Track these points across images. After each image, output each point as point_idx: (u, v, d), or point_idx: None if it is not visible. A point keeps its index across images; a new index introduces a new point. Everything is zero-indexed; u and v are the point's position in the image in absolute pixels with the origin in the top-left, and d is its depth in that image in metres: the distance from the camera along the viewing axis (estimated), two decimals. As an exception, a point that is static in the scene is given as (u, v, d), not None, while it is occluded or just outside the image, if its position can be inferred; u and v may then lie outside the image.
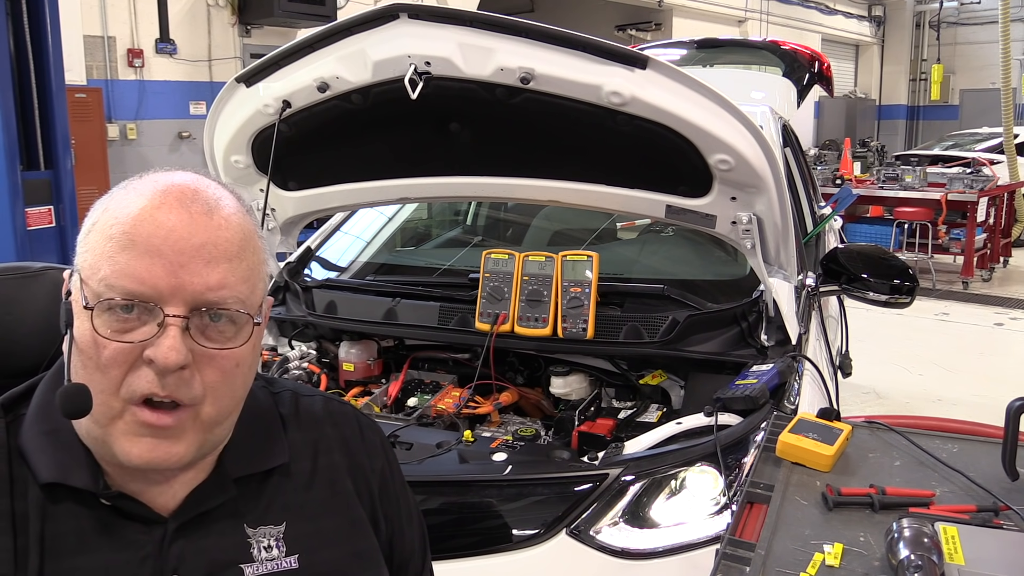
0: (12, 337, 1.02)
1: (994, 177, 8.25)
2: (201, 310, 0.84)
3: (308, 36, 1.92)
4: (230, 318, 0.86)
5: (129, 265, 0.82)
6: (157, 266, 0.82)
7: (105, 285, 0.82)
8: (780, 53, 3.68)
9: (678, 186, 1.97)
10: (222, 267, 0.85)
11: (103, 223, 0.85)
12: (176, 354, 0.81)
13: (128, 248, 0.82)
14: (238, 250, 0.87)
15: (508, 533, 1.67)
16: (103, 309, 0.82)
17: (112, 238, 0.83)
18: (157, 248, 0.82)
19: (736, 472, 1.65)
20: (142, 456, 0.84)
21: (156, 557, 0.87)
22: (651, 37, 12.84)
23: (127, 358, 0.82)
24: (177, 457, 0.85)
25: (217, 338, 0.85)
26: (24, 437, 0.89)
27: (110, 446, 0.84)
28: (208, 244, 0.84)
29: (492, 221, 3.29)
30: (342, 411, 1.08)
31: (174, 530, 0.88)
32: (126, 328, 0.82)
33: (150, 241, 0.82)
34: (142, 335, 0.82)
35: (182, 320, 0.83)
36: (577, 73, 1.74)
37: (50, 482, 0.86)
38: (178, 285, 0.82)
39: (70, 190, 4.26)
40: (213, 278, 0.84)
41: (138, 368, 0.83)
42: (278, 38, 7.78)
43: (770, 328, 2.02)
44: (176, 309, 0.82)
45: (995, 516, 1.10)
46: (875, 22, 18.54)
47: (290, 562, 0.93)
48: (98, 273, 0.83)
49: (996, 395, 2.41)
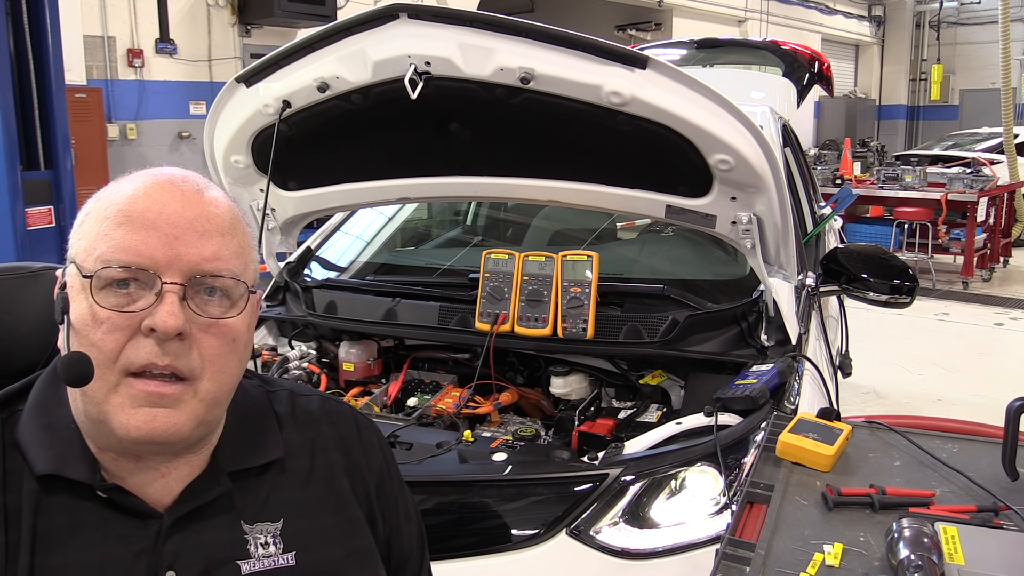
0: (12, 337, 1.02)
1: (994, 177, 8.25)
2: (197, 279, 0.86)
3: (308, 36, 1.92)
4: (225, 292, 0.88)
5: (126, 239, 0.84)
6: (153, 238, 0.85)
7: (102, 260, 0.84)
8: (780, 53, 3.68)
9: (678, 186, 1.97)
10: (215, 240, 0.88)
11: (96, 210, 0.88)
12: (174, 319, 0.83)
13: (124, 224, 0.85)
14: (229, 226, 0.90)
15: (508, 533, 1.67)
16: (101, 285, 0.84)
17: (107, 218, 0.86)
18: (152, 221, 0.85)
19: (736, 472, 1.65)
20: (140, 427, 0.84)
21: (151, 552, 0.87)
22: (651, 37, 12.84)
23: (126, 328, 0.84)
24: (176, 428, 0.85)
25: (214, 310, 0.88)
26: (21, 432, 0.89)
27: (108, 422, 0.85)
28: (201, 217, 0.88)
29: (492, 221, 3.29)
30: (339, 411, 1.08)
31: (169, 525, 0.89)
32: (124, 302, 0.84)
33: (145, 215, 0.85)
34: (140, 305, 0.84)
35: (179, 288, 0.85)
36: (577, 73, 1.74)
37: (47, 474, 0.86)
38: (174, 256, 0.85)
39: (70, 190, 4.27)
40: (208, 249, 0.87)
41: (137, 339, 0.84)
42: (278, 38, 7.78)
43: (770, 328, 2.02)
44: (173, 278, 0.85)
45: (995, 516, 1.10)
46: (875, 22, 18.55)
47: (287, 559, 0.93)
48: (94, 253, 0.85)
49: (996, 395, 2.41)
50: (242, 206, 2.30)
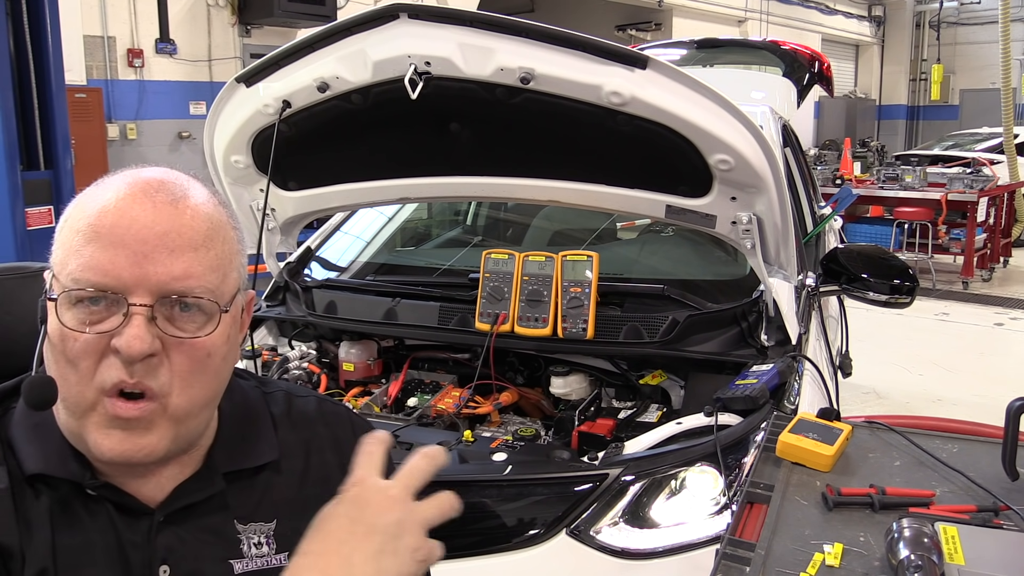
0: (12, 337, 1.02)
1: (994, 177, 8.25)
2: (169, 299, 0.84)
3: (308, 36, 1.92)
4: (199, 307, 0.86)
5: (94, 257, 0.82)
6: (120, 257, 0.82)
7: (72, 279, 0.83)
8: (780, 53, 3.68)
9: (678, 186, 1.97)
10: (187, 256, 0.84)
11: (72, 218, 0.86)
12: (140, 342, 0.82)
13: (93, 240, 0.83)
14: (204, 239, 0.86)
15: (508, 533, 1.67)
16: (71, 303, 0.83)
17: (79, 232, 0.84)
18: (120, 239, 0.83)
19: (736, 472, 1.65)
20: (113, 449, 0.84)
21: (144, 546, 0.87)
22: (651, 37, 12.85)
23: (95, 349, 0.83)
24: (147, 450, 0.85)
25: (186, 327, 0.85)
26: (13, 430, 0.90)
27: (85, 439, 0.85)
28: (171, 232, 0.84)
29: (492, 221, 3.29)
30: (335, 412, 1.08)
31: (160, 521, 0.88)
32: (94, 320, 0.83)
33: (113, 232, 0.83)
34: (109, 325, 0.83)
35: (147, 309, 0.83)
36: (577, 73, 1.74)
37: (36, 473, 0.86)
38: (142, 275, 0.82)
39: (70, 190, 4.27)
40: (177, 267, 0.84)
41: (107, 358, 0.83)
42: (278, 38, 7.78)
43: (770, 328, 2.02)
44: (141, 299, 0.83)
45: (995, 516, 1.10)
46: (875, 22, 18.55)
47: (280, 559, 0.93)
48: (66, 268, 0.84)
49: (996, 395, 2.41)
50: (242, 206, 2.34)
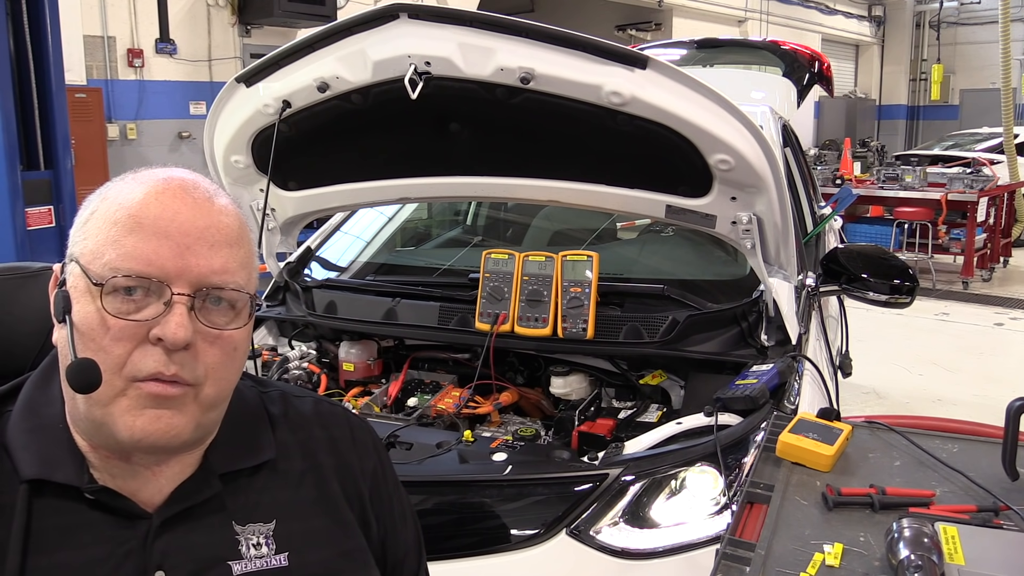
0: (12, 337, 1.02)
1: (994, 177, 8.24)
2: (204, 290, 0.86)
3: (308, 36, 1.92)
4: (230, 302, 0.88)
5: (136, 247, 0.84)
6: (164, 247, 0.84)
7: (110, 268, 0.84)
8: (780, 53, 3.68)
9: (678, 186, 1.97)
10: (224, 252, 0.88)
11: (104, 210, 0.87)
12: (184, 331, 0.83)
13: (135, 231, 0.84)
14: (237, 237, 0.90)
15: (508, 533, 1.67)
16: (109, 290, 0.84)
17: (117, 223, 0.85)
18: (164, 230, 0.85)
19: (736, 472, 1.65)
20: (145, 428, 0.84)
21: (140, 552, 0.87)
22: (651, 37, 12.84)
23: (134, 336, 0.84)
24: (178, 430, 0.86)
25: (217, 320, 0.88)
26: (9, 434, 0.89)
27: (110, 426, 0.85)
28: (212, 228, 0.87)
29: (492, 221, 3.29)
30: (332, 412, 1.08)
31: (158, 525, 0.88)
32: (131, 309, 0.84)
33: (157, 223, 0.85)
34: (149, 314, 0.84)
35: (188, 299, 0.85)
36: (577, 73, 1.74)
37: (33, 478, 0.86)
38: (184, 267, 0.85)
39: (70, 190, 4.27)
40: (217, 262, 0.87)
41: (144, 347, 0.84)
42: (278, 38, 7.78)
43: (770, 328, 2.02)
44: (182, 288, 0.85)
45: (995, 516, 1.10)
46: (875, 22, 18.55)
47: (280, 560, 0.93)
48: (102, 258, 0.84)
49: (996, 395, 2.42)
50: (242, 206, 2.33)
